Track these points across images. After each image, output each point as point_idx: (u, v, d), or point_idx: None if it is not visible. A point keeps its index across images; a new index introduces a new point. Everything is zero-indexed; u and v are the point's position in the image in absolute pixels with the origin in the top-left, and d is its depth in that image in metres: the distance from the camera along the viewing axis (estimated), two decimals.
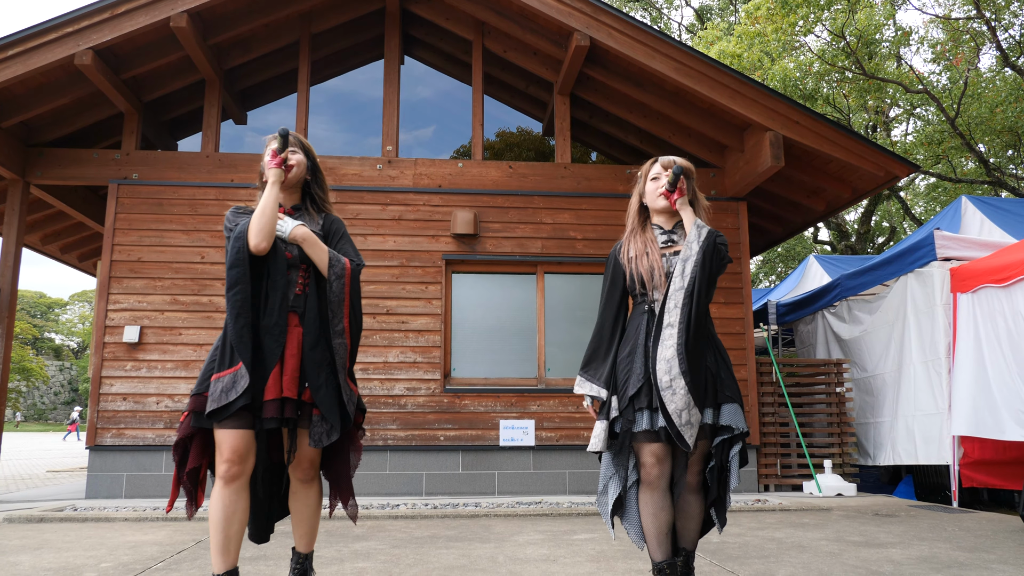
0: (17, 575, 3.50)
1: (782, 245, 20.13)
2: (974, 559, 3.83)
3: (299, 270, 2.73)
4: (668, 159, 2.90)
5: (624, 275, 2.86)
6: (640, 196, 2.96)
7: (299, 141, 2.90)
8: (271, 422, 2.56)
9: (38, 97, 7.07)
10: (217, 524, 2.55)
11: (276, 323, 2.62)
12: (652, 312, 2.77)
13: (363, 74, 8.42)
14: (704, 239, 2.74)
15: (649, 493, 2.67)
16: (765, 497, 6.83)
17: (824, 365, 8.04)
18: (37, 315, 65.79)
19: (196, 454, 2.62)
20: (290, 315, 2.69)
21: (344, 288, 2.70)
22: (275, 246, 2.69)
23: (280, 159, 2.74)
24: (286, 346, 2.63)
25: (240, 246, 2.62)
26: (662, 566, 2.66)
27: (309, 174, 2.92)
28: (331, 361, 2.66)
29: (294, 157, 2.83)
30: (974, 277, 6.29)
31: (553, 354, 7.56)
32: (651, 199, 2.90)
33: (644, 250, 2.82)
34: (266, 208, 2.65)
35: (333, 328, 2.68)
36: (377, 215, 7.53)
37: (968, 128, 14.24)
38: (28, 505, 6.40)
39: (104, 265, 7.24)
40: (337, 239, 2.85)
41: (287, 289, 2.67)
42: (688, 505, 2.76)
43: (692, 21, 25.81)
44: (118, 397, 6.99)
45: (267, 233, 2.64)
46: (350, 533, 4.80)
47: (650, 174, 2.93)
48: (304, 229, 2.72)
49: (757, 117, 7.01)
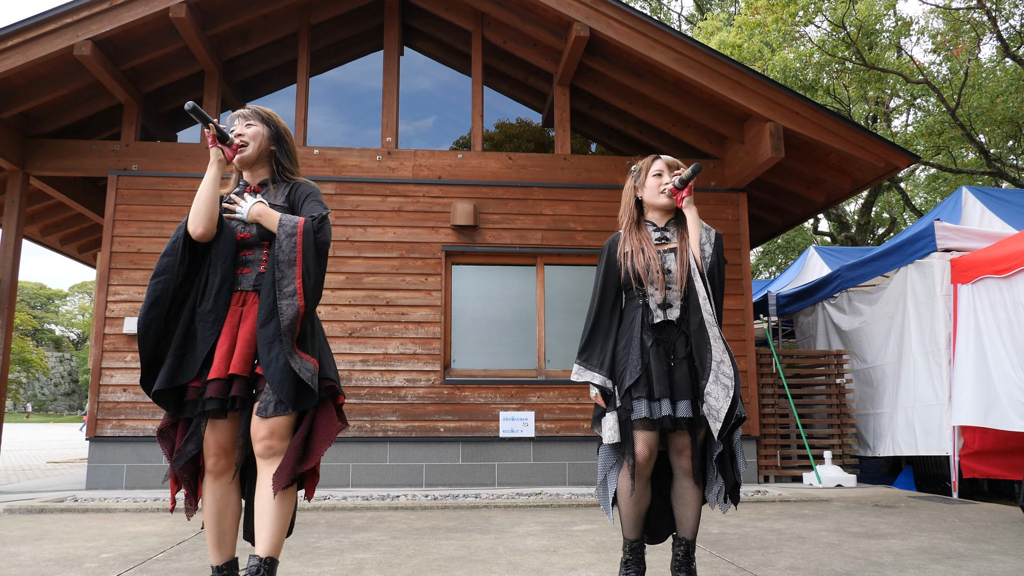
0: (18, 565, 3.51)
1: (782, 236, 20.13)
2: (974, 550, 3.84)
3: (262, 248, 2.59)
4: (672, 160, 2.95)
5: (619, 270, 2.90)
6: (635, 191, 2.98)
7: (256, 113, 2.73)
8: (212, 402, 2.42)
9: (38, 88, 7.04)
10: (211, 519, 2.55)
11: (211, 309, 2.50)
12: (647, 307, 2.85)
13: (362, 65, 8.40)
14: (715, 242, 2.84)
15: (635, 480, 2.72)
16: (765, 488, 6.85)
17: (824, 356, 8.05)
18: (37, 306, 65.83)
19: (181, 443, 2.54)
20: (248, 295, 2.57)
21: (296, 246, 2.50)
22: (221, 229, 2.57)
23: (213, 137, 2.57)
24: (240, 327, 2.51)
25: (178, 235, 2.54)
26: (636, 544, 2.80)
27: (273, 144, 2.73)
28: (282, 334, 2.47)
29: (249, 131, 2.67)
30: (975, 268, 6.29)
31: (553, 345, 7.56)
32: (651, 195, 2.92)
33: (640, 247, 2.86)
34: (201, 193, 2.52)
35: (282, 291, 2.46)
36: (377, 206, 7.52)
37: (969, 119, 14.22)
38: (29, 496, 6.42)
39: (104, 256, 7.23)
40: (303, 201, 2.66)
41: (229, 273, 2.54)
42: (685, 491, 2.79)
43: (692, 12, 25.72)
44: (118, 388, 6.99)
45: (202, 218, 2.51)
46: (350, 524, 4.82)
47: (652, 170, 2.93)
48: (260, 206, 2.57)
49: (757, 108, 7.00)
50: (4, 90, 6.95)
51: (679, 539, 2.80)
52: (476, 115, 7.95)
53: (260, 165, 2.72)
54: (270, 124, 2.73)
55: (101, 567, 3.47)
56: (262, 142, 2.69)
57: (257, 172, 2.72)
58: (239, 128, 2.69)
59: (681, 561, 2.76)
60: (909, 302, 7.12)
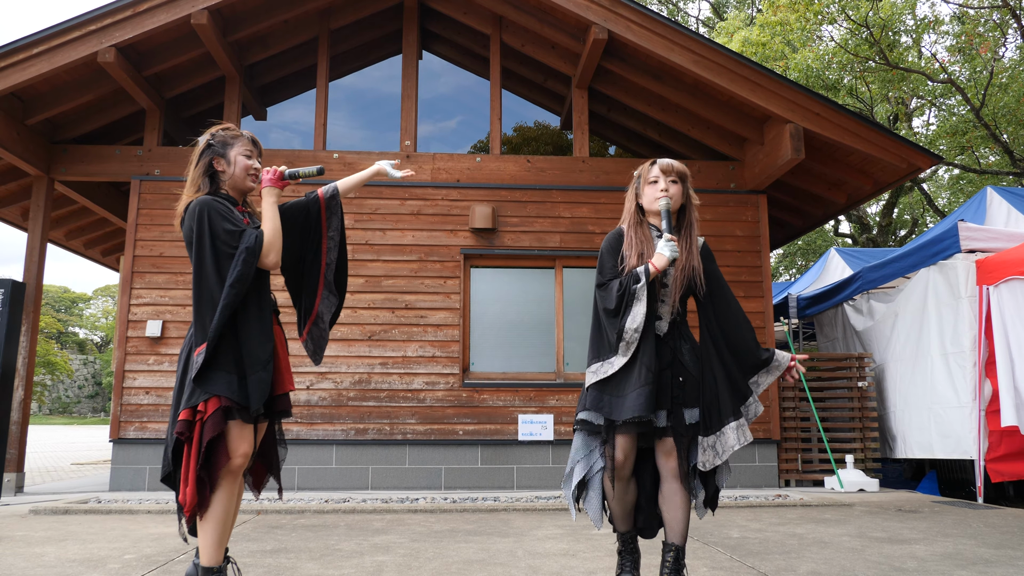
0: (43, 566, 3.56)
1: (802, 239, 19.95)
2: (1000, 556, 3.79)
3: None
4: (668, 164, 2.92)
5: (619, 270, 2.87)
6: (636, 195, 2.99)
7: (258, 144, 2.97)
8: (286, 414, 2.78)
9: (62, 94, 7.15)
10: (227, 518, 2.61)
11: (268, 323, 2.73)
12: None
13: (381, 70, 8.44)
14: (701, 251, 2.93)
15: (616, 480, 2.77)
16: (786, 492, 6.79)
17: (846, 359, 7.96)
18: (61, 309, 66.72)
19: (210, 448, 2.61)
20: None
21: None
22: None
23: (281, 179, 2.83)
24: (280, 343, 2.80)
25: (253, 261, 2.62)
26: (627, 536, 2.92)
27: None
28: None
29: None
30: (1002, 269, 6.19)
31: (572, 348, 7.55)
32: (649, 202, 2.93)
33: (639, 250, 2.86)
34: (280, 228, 2.75)
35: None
36: (396, 210, 7.55)
37: (994, 118, 14.03)
38: (53, 497, 6.50)
39: (127, 260, 7.32)
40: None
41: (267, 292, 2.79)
42: (673, 494, 2.79)
43: (708, 15, 25.60)
44: (141, 391, 7.07)
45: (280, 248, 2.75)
46: (370, 526, 4.83)
47: (648, 177, 2.93)
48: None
49: (777, 109, 6.95)
50: (29, 97, 7.06)
51: (668, 545, 2.79)
52: (494, 118, 7.96)
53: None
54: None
55: (124, 568, 3.51)
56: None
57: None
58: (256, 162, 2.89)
59: (671, 568, 2.75)
60: (931, 303, 7.03)
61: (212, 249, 2.58)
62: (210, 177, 2.78)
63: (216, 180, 2.79)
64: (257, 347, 2.60)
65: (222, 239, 2.59)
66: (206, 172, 2.77)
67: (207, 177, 2.77)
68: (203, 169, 2.77)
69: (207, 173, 2.77)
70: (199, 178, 2.76)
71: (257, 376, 2.57)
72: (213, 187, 2.78)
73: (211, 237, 2.58)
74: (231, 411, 2.55)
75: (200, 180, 2.76)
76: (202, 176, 2.76)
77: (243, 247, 2.59)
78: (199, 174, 2.77)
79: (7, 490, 6.78)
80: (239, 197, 2.85)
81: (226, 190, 2.80)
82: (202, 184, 2.76)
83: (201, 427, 2.51)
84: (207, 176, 2.77)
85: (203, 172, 2.77)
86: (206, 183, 2.76)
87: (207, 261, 2.57)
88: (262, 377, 2.57)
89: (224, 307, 2.53)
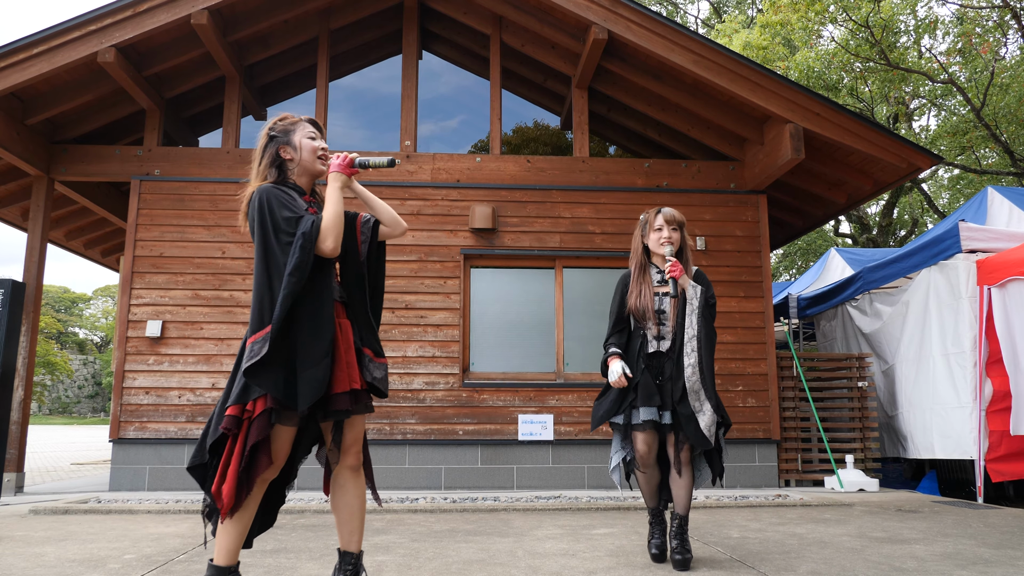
0: (43, 565, 3.55)
1: (802, 239, 19.95)
2: (1000, 556, 3.78)
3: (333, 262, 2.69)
4: (671, 215, 3.60)
5: (626, 305, 3.68)
6: (643, 238, 3.69)
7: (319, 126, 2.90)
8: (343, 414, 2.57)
9: (62, 94, 7.15)
10: (251, 520, 2.54)
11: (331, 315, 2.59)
12: (645, 337, 3.64)
13: (381, 70, 8.44)
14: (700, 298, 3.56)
15: (642, 467, 3.59)
16: (786, 492, 6.79)
17: (846, 359, 7.96)
18: (61, 310, 66.71)
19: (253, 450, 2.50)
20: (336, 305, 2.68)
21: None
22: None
23: (351, 166, 2.71)
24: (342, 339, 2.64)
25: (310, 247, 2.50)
26: (657, 510, 3.71)
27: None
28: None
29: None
30: (1003, 269, 6.18)
31: (572, 348, 7.55)
32: (654, 245, 3.63)
33: (640, 291, 3.62)
34: (342, 214, 2.63)
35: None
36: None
37: (994, 119, 14.03)
38: (53, 497, 6.50)
39: (127, 260, 7.32)
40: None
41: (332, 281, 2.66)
42: (679, 477, 3.56)
43: (708, 15, 25.59)
44: (141, 391, 7.07)
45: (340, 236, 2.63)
46: (370, 527, 4.83)
47: (654, 224, 3.62)
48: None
49: (777, 109, 6.95)
50: (29, 97, 7.07)
51: (675, 514, 3.56)
52: (494, 118, 7.96)
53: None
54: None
55: (124, 568, 3.51)
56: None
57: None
58: (321, 142, 2.82)
59: (676, 530, 3.53)
60: (931, 304, 7.02)
61: (271, 236, 2.50)
62: (278, 167, 2.72)
63: (284, 169, 2.73)
64: (311, 342, 2.47)
65: (281, 227, 2.52)
66: (273, 163, 2.71)
67: (275, 168, 2.72)
68: (270, 160, 2.71)
69: (274, 164, 2.72)
70: (266, 169, 2.70)
71: (309, 373, 2.44)
72: (281, 176, 2.72)
73: (271, 224, 2.51)
74: (276, 413, 2.46)
75: (267, 171, 2.70)
76: (269, 167, 2.70)
77: (299, 232, 2.50)
78: (266, 165, 2.71)
79: (7, 490, 6.78)
80: (309, 185, 2.78)
81: (294, 179, 2.74)
82: (269, 174, 2.70)
83: (248, 427, 2.43)
84: (275, 167, 2.71)
85: (270, 163, 2.71)
86: (273, 173, 2.71)
87: (266, 249, 2.50)
88: (314, 374, 2.44)
89: (285, 296, 2.42)
